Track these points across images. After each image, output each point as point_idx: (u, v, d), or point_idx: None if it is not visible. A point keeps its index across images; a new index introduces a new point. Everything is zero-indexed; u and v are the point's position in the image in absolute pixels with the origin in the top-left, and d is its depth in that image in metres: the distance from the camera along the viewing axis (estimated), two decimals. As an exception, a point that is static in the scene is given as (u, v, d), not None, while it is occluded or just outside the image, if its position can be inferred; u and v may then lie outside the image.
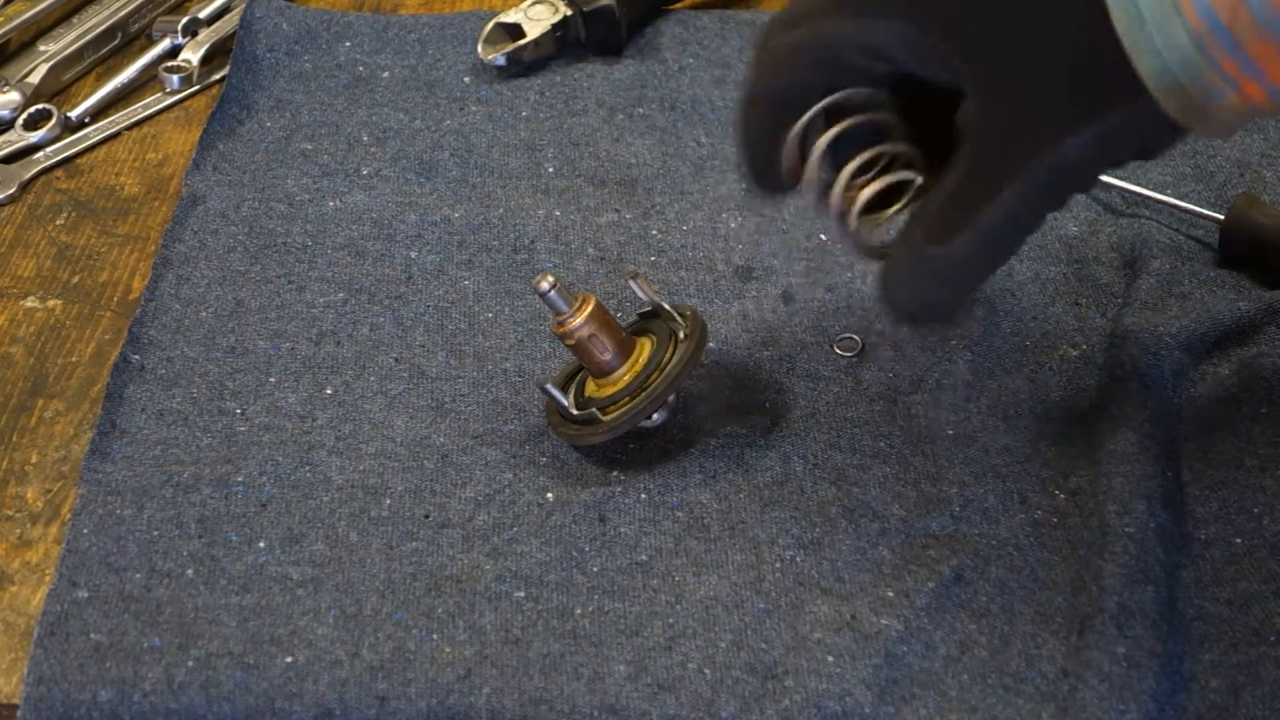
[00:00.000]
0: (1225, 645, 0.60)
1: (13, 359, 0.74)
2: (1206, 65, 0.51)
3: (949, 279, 0.58)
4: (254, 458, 0.68)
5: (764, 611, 0.62)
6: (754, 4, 0.96)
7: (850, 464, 0.67)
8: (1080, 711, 0.57)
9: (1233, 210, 0.74)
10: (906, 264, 0.59)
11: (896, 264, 0.59)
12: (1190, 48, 0.51)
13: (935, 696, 0.59)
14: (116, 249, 0.80)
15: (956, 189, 0.57)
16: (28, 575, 0.65)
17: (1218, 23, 0.50)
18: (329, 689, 0.60)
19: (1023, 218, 0.57)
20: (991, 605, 0.62)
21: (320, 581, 0.63)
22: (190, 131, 0.87)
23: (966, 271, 0.58)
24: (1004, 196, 0.56)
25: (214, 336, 0.74)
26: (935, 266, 0.58)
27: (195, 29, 0.93)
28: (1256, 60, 0.51)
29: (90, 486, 0.67)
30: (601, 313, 0.66)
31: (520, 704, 0.59)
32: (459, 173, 0.83)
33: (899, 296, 0.59)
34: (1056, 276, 0.75)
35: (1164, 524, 0.63)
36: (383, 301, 0.76)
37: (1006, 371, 0.71)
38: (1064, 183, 0.56)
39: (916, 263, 0.58)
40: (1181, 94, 0.52)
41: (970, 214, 0.56)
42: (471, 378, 0.72)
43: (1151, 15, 0.51)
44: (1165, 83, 0.52)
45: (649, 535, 0.65)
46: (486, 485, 0.67)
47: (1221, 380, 0.69)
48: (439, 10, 0.95)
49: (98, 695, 0.60)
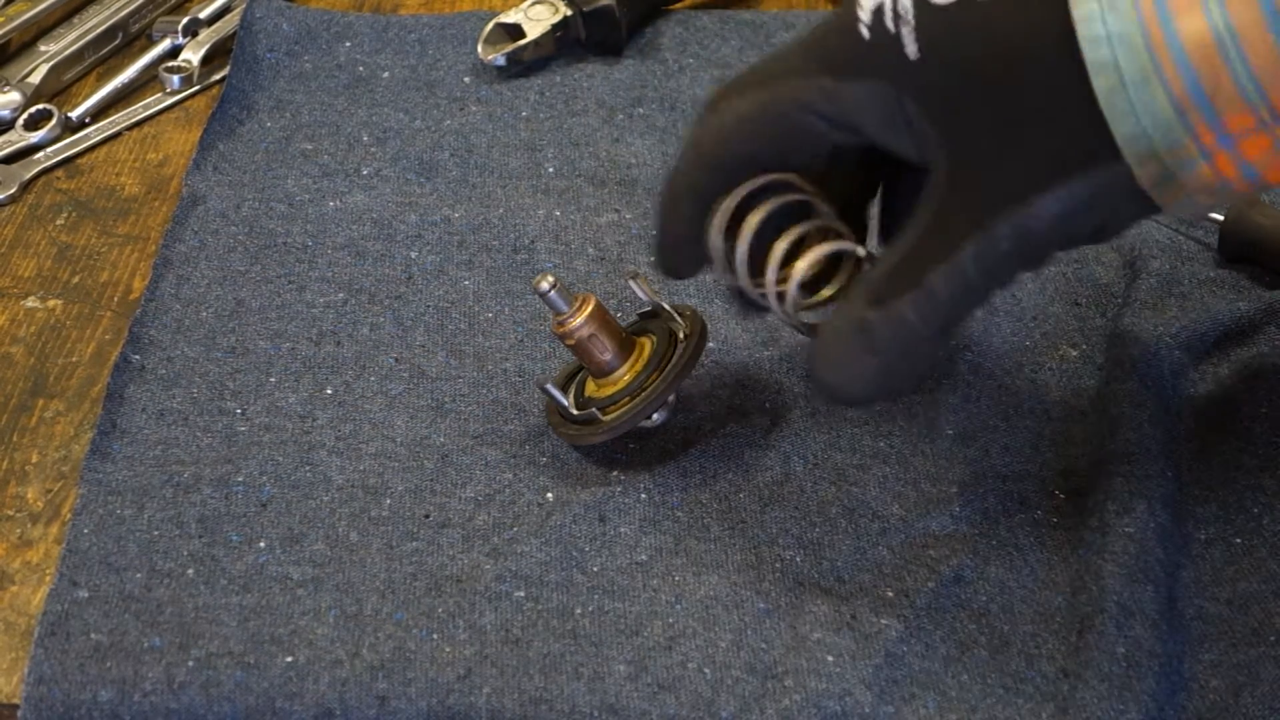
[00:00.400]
0: (1225, 645, 0.60)
1: (13, 359, 0.74)
2: (1184, 133, 0.50)
3: (884, 352, 0.56)
4: (254, 458, 0.68)
5: (764, 611, 0.62)
6: (754, 4, 0.96)
7: (850, 464, 0.67)
8: (1080, 711, 0.57)
9: (1233, 210, 0.74)
10: (840, 332, 0.56)
11: (827, 334, 0.57)
12: (1169, 113, 0.50)
13: (935, 696, 0.59)
14: (117, 249, 0.80)
15: (911, 248, 0.55)
16: (28, 575, 0.65)
17: (1199, 89, 0.49)
18: (329, 689, 0.60)
19: (974, 283, 0.54)
20: (991, 605, 0.62)
21: (320, 581, 0.63)
22: (190, 131, 0.87)
23: (904, 339, 0.55)
24: (961, 255, 0.54)
25: (214, 336, 0.74)
26: (869, 335, 0.55)
27: (196, 29, 0.93)
28: (1232, 133, 0.50)
29: (91, 486, 0.67)
30: (601, 313, 0.66)
31: (520, 704, 0.59)
32: (459, 173, 0.83)
33: (827, 369, 0.57)
34: (1056, 276, 0.75)
35: (1164, 524, 0.63)
36: (383, 301, 0.76)
37: (1006, 371, 0.71)
38: (1022, 251, 0.54)
39: (850, 331, 0.56)
40: (1155, 163, 0.51)
41: (922, 272, 0.54)
42: (471, 378, 0.72)
43: (1132, 78, 0.50)
44: (1140, 148, 0.51)
45: (649, 535, 0.65)
46: (486, 485, 0.67)
47: (1221, 380, 0.69)
48: (439, 10, 0.96)
49: (98, 695, 0.60)
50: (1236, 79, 0.49)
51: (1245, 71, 0.49)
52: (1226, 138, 0.50)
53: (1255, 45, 0.48)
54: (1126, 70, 0.50)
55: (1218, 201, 0.53)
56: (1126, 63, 0.50)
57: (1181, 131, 0.50)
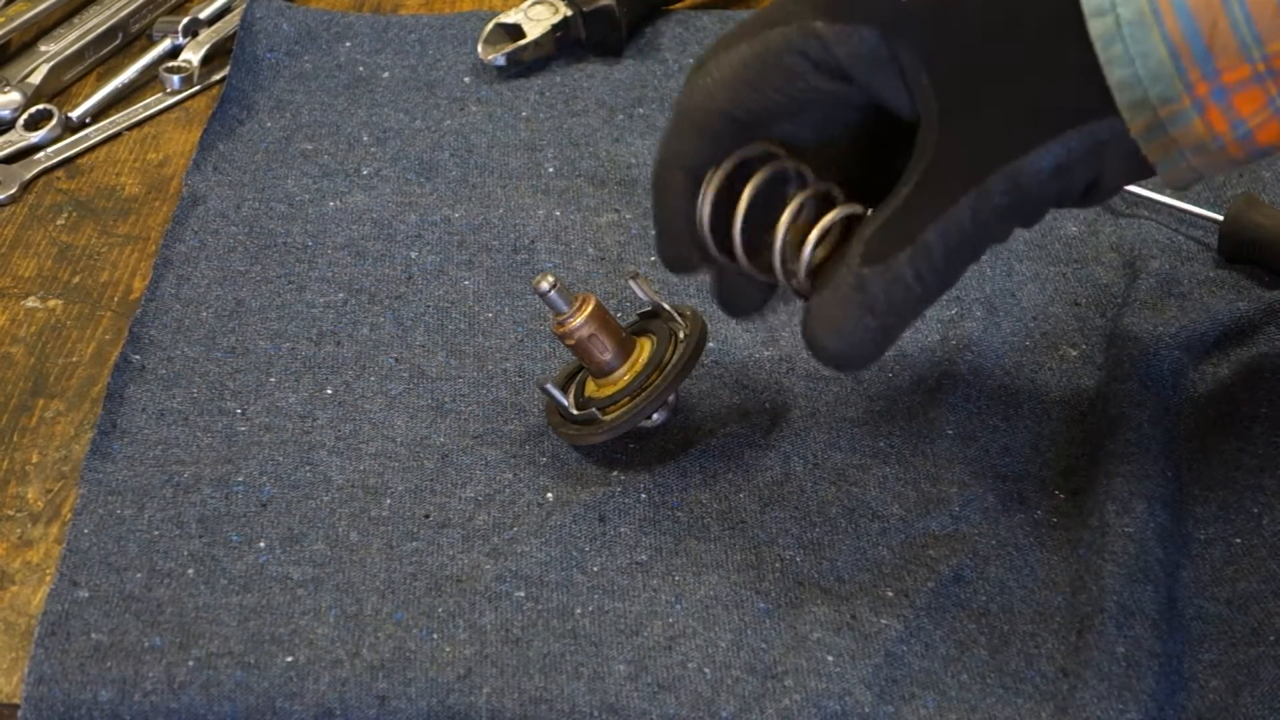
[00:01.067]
0: (1225, 645, 0.60)
1: (13, 359, 0.74)
2: (1178, 80, 0.50)
3: (882, 311, 0.55)
4: (254, 458, 0.68)
5: (764, 611, 0.62)
6: (754, 4, 0.96)
7: (850, 464, 0.67)
8: (1079, 711, 0.57)
9: (1232, 211, 0.75)
10: (837, 294, 0.56)
11: (824, 297, 0.56)
12: (1165, 59, 0.50)
13: (935, 696, 0.59)
14: (117, 249, 0.80)
15: (904, 204, 0.54)
16: (28, 575, 0.65)
17: (1197, 36, 0.49)
18: (329, 688, 0.60)
19: (971, 237, 0.54)
20: (991, 605, 0.62)
21: (320, 581, 0.63)
22: (191, 132, 0.87)
23: (901, 298, 0.55)
24: (957, 210, 0.53)
25: (214, 336, 0.74)
26: (867, 294, 0.55)
27: (196, 29, 0.93)
28: (1227, 84, 0.50)
29: (91, 486, 0.67)
30: (601, 313, 0.66)
31: (520, 703, 0.59)
32: (459, 173, 0.83)
33: (825, 332, 0.56)
34: (1056, 276, 0.75)
35: (1163, 523, 0.63)
36: (383, 301, 0.76)
37: (1006, 371, 0.71)
38: (1017, 205, 0.54)
39: (848, 291, 0.55)
40: (1149, 112, 0.51)
41: (917, 228, 0.54)
42: (471, 378, 0.72)
43: (1129, 21, 0.50)
44: (1135, 96, 0.51)
45: (649, 535, 0.65)
46: (486, 485, 0.67)
47: (1221, 380, 0.69)
48: (439, 10, 0.96)
49: (98, 695, 0.60)
50: (1235, 26, 0.49)
51: (1244, 17, 0.49)
52: (1220, 89, 0.50)
53: None
54: (1124, 14, 0.50)
55: (1209, 165, 0.53)
56: (1125, 7, 0.49)
57: (1176, 79, 0.50)
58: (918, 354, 0.72)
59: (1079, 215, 0.78)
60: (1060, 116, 0.52)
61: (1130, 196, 0.78)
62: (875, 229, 0.55)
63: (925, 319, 0.73)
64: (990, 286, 0.74)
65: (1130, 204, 0.78)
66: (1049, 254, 0.76)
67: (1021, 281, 0.75)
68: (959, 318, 0.73)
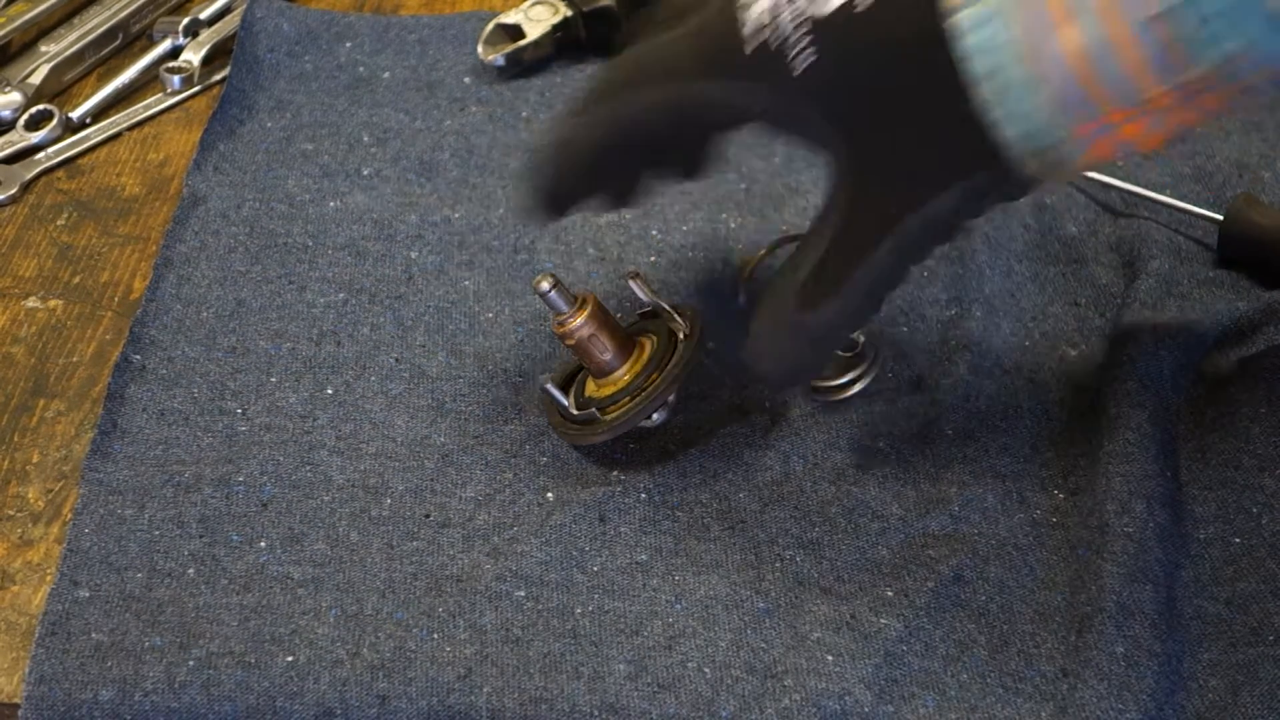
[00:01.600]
0: (1224, 644, 0.60)
1: (14, 359, 0.74)
2: (1065, 129, 0.54)
3: (821, 341, 0.61)
4: (255, 457, 0.68)
5: (764, 611, 0.62)
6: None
7: (850, 464, 0.67)
8: (1079, 711, 0.58)
9: (1231, 211, 0.75)
10: (777, 333, 0.61)
11: (764, 333, 0.61)
12: (1052, 114, 0.53)
13: (934, 696, 0.59)
14: (117, 249, 0.80)
15: (827, 253, 0.59)
16: (29, 575, 0.65)
17: (1078, 92, 0.53)
18: (330, 688, 0.60)
19: (894, 272, 0.59)
20: (990, 605, 0.62)
21: (321, 581, 0.64)
22: (191, 132, 0.87)
23: (839, 330, 0.61)
24: (877, 255, 0.58)
25: (215, 336, 0.74)
26: (806, 332, 0.60)
27: (196, 30, 0.93)
28: (1113, 123, 0.53)
29: (91, 486, 0.67)
30: (601, 313, 0.66)
31: (520, 703, 0.59)
32: (459, 173, 0.83)
33: (771, 366, 0.61)
34: (1055, 276, 0.75)
35: (1163, 523, 0.63)
36: (383, 301, 0.76)
37: (1006, 371, 0.71)
38: (934, 236, 0.58)
39: (788, 330, 0.60)
40: (1039, 151, 0.54)
41: (843, 275, 0.58)
42: (472, 377, 0.72)
43: (1016, 83, 0.53)
44: (1023, 139, 0.54)
45: (649, 535, 0.65)
46: (487, 485, 0.67)
47: (1221, 380, 0.69)
48: (439, 11, 0.96)
49: (99, 694, 0.60)
50: (1112, 86, 0.52)
51: (1120, 79, 0.52)
52: (1106, 127, 0.53)
53: (1128, 57, 0.52)
54: (1009, 78, 0.53)
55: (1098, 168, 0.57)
56: (1008, 71, 0.53)
57: (1063, 128, 0.53)
58: (918, 354, 0.72)
59: (1079, 215, 0.78)
60: (965, 160, 0.56)
61: (1129, 196, 0.78)
62: (805, 275, 0.59)
63: (925, 319, 0.73)
64: (990, 286, 0.74)
65: (1129, 204, 0.78)
66: (1049, 254, 0.76)
67: (1021, 281, 0.75)
68: (959, 318, 0.73)
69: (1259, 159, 0.80)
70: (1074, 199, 0.79)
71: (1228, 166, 0.79)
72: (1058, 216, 0.78)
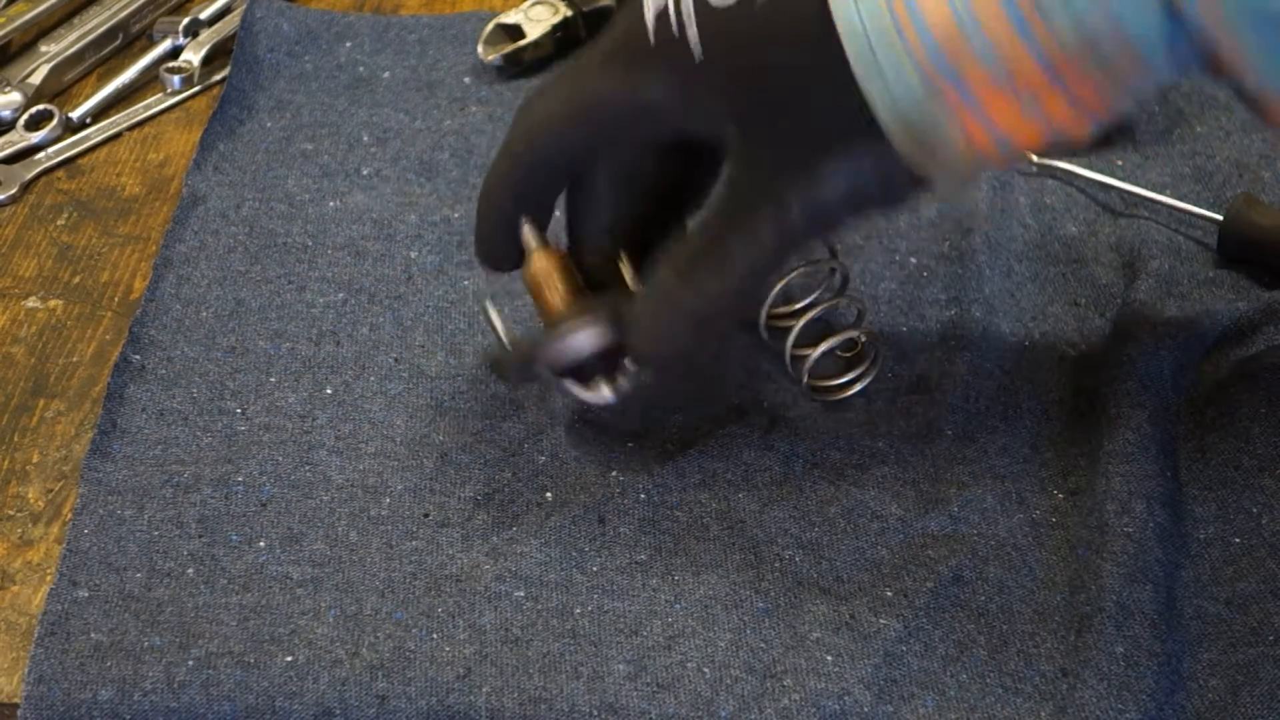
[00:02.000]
0: (1224, 645, 0.60)
1: (14, 359, 0.74)
2: (931, 98, 0.54)
3: (704, 323, 0.61)
4: (254, 457, 0.68)
5: (763, 611, 0.62)
6: (754, 4, 0.96)
7: (849, 464, 0.67)
8: (1079, 711, 0.57)
9: (1231, 211, 0.75)
10: (656, 310, 0.61)
11: (645, 311, 0.62)
12: (920, 87, 0.54)
13: (934, 696, 0.59)
14: (117, 249, 0.80)
15: (712, 222, 0.60)
16: (29, 575, 0.65)
17: (938, 52, 0.53)
18: (329, 688, 0.60)
19: (775, 254, 0.59)
20: (990, 605, 0.62)
21: (320, 581, 0.64)
22: (191, 132, 0.87)
23: (720, 312, 0.61)
24: (758, 227, 0.58)
25: (214, 336, 0.74)
26: (686, 311, 0.60)
27: (196, 30, 0.93)
28: (979, 98, 0.54)
29: (91, 486, 0.67)
30: (563, 261, 0.66)
31: (520, 703, 0.59)
32: (459, 173, 0.83)
33: (652, 346, 0.62)
34: (1055, 277, 0.75)
35: (1162, 523, 0.63)
36: (383, 301, 0.76)
37: (1006, 371, 0.71)
38: (813, 217, 0.58)
39: (668, 308, 0.61)
40: (912, 130, 0.55)
41: (724, 253, 0.59)
42: (471, 377, 0.72)
43: (878, 42, 0.54)
44: (896, 115, 0.54)
45: (648, 535, 0.65)
46: (486, 484, 0.67)
47: (1220, 380, 0.69)
48: (439, 11, 0.96)
49: (98, 694, 0.60)
50: (980, 56, 0.53)
51: (986, 48, 0.53)
52: (975, 103, 0.54)
53: (994, 28, 0.52)
54: (880, 52, 0.54)
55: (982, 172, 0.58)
56: (879, 45, 0.54)
57: (927, 95, 0.54)
58: (917, 354, 0.72)
59: (1079, 215, 0.78)
60: (839, 138, 0.56)
61: (1129, 196, 0.78)
62: (686, 248, 0.60)
63: (924, 319, 0.73)
64: (990, 286, 0.74)
65: (1129, 204, 0.78)
66: (1048, 254, 0.76)
67: (1021, 281, 0.75)
68: (958, 318, 0.73)
69: (1259, 159, 0.80)
70: (1074, 199, 0.79)
71: (1228, 166, 0.79)
72: (1058, 216, 0.78)
